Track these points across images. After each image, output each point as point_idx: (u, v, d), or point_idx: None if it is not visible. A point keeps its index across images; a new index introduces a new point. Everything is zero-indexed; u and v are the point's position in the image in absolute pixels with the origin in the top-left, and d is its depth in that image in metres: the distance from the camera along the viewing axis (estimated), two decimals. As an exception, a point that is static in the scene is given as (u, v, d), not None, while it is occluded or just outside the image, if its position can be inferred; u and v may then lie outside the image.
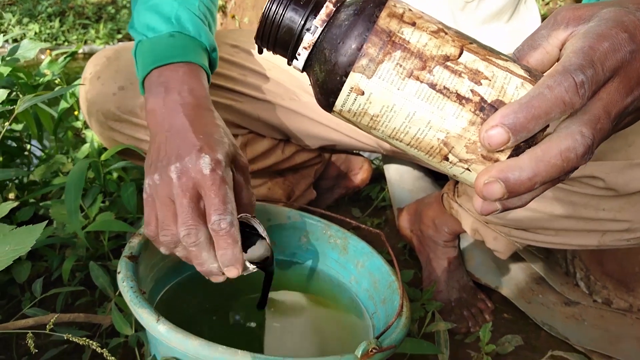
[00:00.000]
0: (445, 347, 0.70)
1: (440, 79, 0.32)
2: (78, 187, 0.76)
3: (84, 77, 0.81)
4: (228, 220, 0.49)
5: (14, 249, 0.45)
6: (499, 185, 0.30)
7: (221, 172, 0.51)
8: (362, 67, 0.32)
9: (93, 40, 3.70)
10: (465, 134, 0.32)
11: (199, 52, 0.62)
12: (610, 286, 0.99)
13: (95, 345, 0.49)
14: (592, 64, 0.30)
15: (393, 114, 0.33)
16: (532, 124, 0.30)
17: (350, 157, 1.18)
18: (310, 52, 0.35)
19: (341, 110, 0.35)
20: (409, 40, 0.32)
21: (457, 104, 0.32)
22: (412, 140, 0.34)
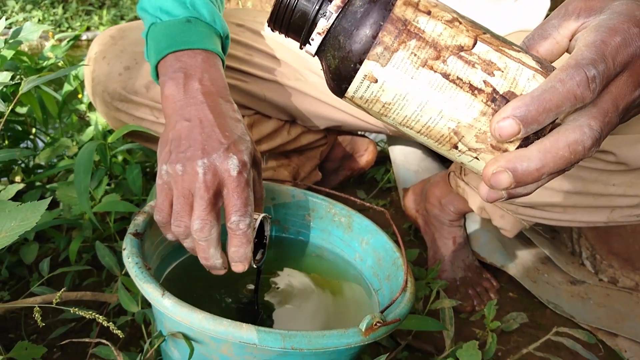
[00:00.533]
0: (450, 324, 0.70)
1: (454, 69, 0.32)
2: (87, 168, 0.76)
3: (89, 56, 0.80)
4: (247, 222, 0.51)
5: (20, 224, 0.45)
6: (506, 175, 0.31)
7: (246, 174, 0.52)
8: (376, 55, 0.32)
9: (96, 26, 3.69)
10: (476, 124, 0.33)
11: (214, 39, 0.61)
12: (616, 265, 0.99)
13: (101, 319, 0.49)
14: (604, 59, 0.30)
15: (405, 102, 0.33)
16: (543, 117, 0.30)
17: (355, 139, 1.18)
18: (324, 37, 0.35)
19: (353, 97, 0.35)
20: (424, 29, 0.32)
21: (470, 95, 0.32)
22: (423, 128, 0.34)
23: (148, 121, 0.81)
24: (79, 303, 0.73)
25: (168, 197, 0.52)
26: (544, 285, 0.96)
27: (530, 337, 0.83)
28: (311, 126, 0.97)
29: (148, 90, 0.77)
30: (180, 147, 0.52)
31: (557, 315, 0.89)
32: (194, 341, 0.49)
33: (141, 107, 0.79)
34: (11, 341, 0.69)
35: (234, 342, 0.45)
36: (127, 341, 0.71)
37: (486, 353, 0.69)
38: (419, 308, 0.76)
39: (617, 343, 0.84)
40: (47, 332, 0.71)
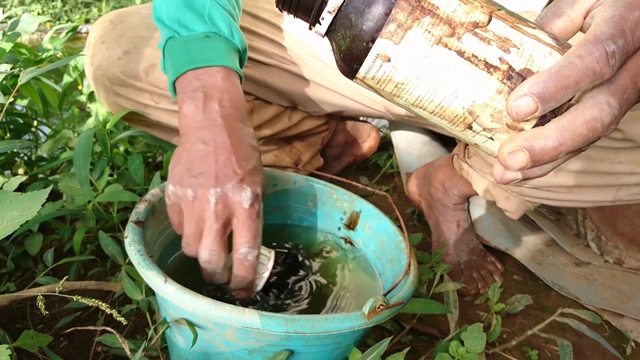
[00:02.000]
0: (454, 307, 0.70)
1: (469, 46, 0.31)
2: (86, 155, 0.76)
3: (89, 42, 0.80)
4: (255, 254, 0.52)
5: (21, 214, 0.45)
6: (523, 154, 0.30)
7: (258, 207, 0.53)
8: (389, 33, 0.31)
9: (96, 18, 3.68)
10: (492, 103, 0.32)
11: (233, 55, 0.60)
12: (621, 246, 0.99)
13: (105, 307, 0.49)
14: (623, 34, 0.29)
15: (419, 81, 0.32)
16: (562, 94, 0.29)
17: (358, 124, 1.18)
18: (335, 16, 0.34)
19: (364, 78, 0.34)
20: (438, 5, 0.31)
21: (485, 72, 0.31)
22: (437, 108, 0.33)
23: (148, 106, 0.80)
24: (84, 292, 0.74)
25: (179, 218, 0.54)
26: (549, 268, 0.96)
27: (535, 319, 0.83)
28: (312, 112, 0.96)
29: (147, 74, 0.77)
30: (193, 171, 0.52)
31: (563, 297, 0.89)
32: (198, 327, 0.49)
33: (141, 92, 0.79)
34: (18, 331, 0.69)
35: (237, 327, 0.45)
36: (133, 329, 0.71)
37: (491, 335, 0.69)
38: (423, 292, 0.76)
39: (623, 324, 0.84)
40: (53, 322, 0.71)
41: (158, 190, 0.62)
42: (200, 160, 0.52)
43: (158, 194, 0.62)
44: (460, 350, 0.60)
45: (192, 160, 0.53)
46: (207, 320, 0.47)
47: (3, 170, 0.96)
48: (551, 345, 0.78)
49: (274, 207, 0.74)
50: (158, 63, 0.77)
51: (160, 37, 0.78)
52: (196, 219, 0.52)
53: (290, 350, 0.48)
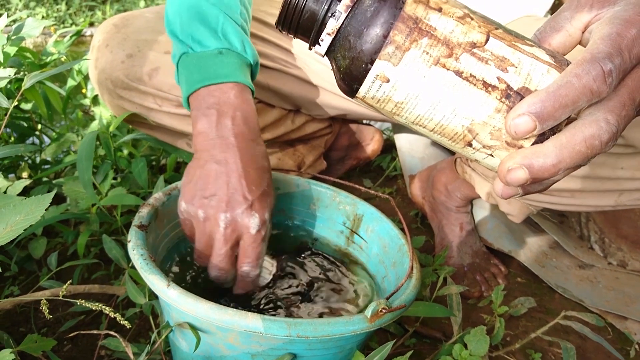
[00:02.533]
0: (457, 310, 0.70)
1: (467, 66, 0.31)
2: (89, 158, 0.77)
3: (93, 45, 0.81)
4: (256, 272, 0.57)
5: (25, 218, 0.46)
6: (522, 172, 0.31)
7: (264, 232, 0.56)
8: (388, 55, 0.32)
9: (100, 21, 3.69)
10: (491, 121, 0.32)
11: (245, 71, 0.61)
12: (625, 248, 0.98)
13: (108, 310, 0.49)
14: (620, 52, 0.30)
15: (418, 101, 0.33)
16: (559, 113, 0.30)
17: (361, 127, 1.18)
18: (334, 38, 0.34)
19: (364, 97, 0.35)
20: (435, 27, 0.32)
21: (484, 92, 0.32)
22: (436, 127, 0.34)
23: (151, 109, 0.81)
24: (88, 296, 0.74)
25: (191, 231, 0.57)
26: (552, 270, 0.96)
27: (539, 321, 0.83)
28: (316, 115, 0.96)
29: (151, 77, 0.77)
30: (206, 191, 0.55)
31: (566, 300, 0.89)
32: (201, 331, 0.49)
33: (144, 95, 0.79)
34: (22, 335, 0.69)
35: (239, 331, 0.45)
36: (137, 333, 0.71)
37: (494, 338, 0.69)
38: (427, 295, 0.76)
39: (626, 326, 0.83)
40: (57, 325, 0.72)
41: (161, 194, 0.62)
42: (213, 181, 0.55)
43: (161, 198, 0.62)
44: (464, 354, 0.59)
45: (205, 178, 0.55)
46: (210, 324, 0.47)
47: (7, 173, 0.96)
48: (555, 348, 0.77)
49: (277, 210, 0.74)
50: (161, 66, 0.77)
51: (164, 41, 0.78)
52: (206, 237, 0.56)
53: (293, 353, 0.48)
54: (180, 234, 0.66)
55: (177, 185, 0.66)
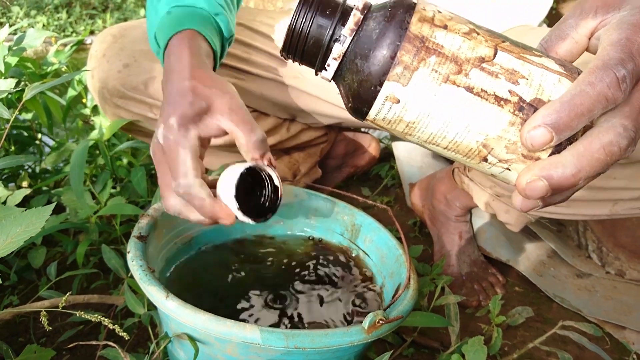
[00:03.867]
0: (455, 320, 0.70)
1: (477, 81, 0.31)
2: (80, 167, 0.77)
3: (91, 54, 0.82)
4: (182, 184, 0.47)
5: (25, 230, 0.46)
6: (542, 183, 0.30)
7: (173, 136, 0.48)
8: (397, 76, 0.32)
9: (100, 30, 3.71)
10: (505, 135, 0.32)
11: (197, 20, 0.58)
12: (623, 257, 0.99)
13: (107, 322, 0.50)
14: (632, 57, 0.29)
15: (430, 119, 0.32)
16: (575, 122, 0.29)
17: (358, 135, 1.18)
18: (340, 62, 0.34)
19: (375, 119, 0.34)
20: (442, 44, 0.31)
21: (496, 106, 0.31)
22: (450, 144, 0.33)
23: (147, 117, 0.82)
24: (87, 306, 0.74)
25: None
26: (550, 279, 0.96)
27: (537, 331, 0.83)
28: (311, 123, 0.97)
29: (147, 87, 0.78)
30: None
31: (564, 309, 0.89)
32: (199, 342, 0.49)
33: (140, 104, 0.80)
34: (21, 345, 0.69)
35: (237, 342, 0.45)
36: (136, 343, 0.71)
37: (492, 348, 0.69)
38: (424, 304, 0.76)
39: (624, 335, 0.84)
40: (56, 336, 0.72)
41: (160, 205, 0.63)
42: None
43: (160, 208, 0.62)
44: (461, 364, 0.60)
45: None
46: (208, 335, 0.47)
47: (7, 182, 0.97)
48: (552, 358, 0.78)
49: (275, 221, 0.74)
50: (157, 75, 0.78)
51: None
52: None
53: (291, 365, 0.48)
54: (179, 244, 0.66)
55: (176, 195, 0.66)
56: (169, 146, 0.48)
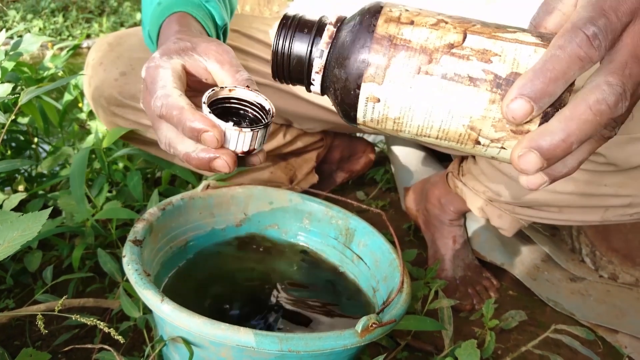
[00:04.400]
0: (448, 324, 0.71)
1: (449, 67, 0.32)
2: (81, 174, 0.78)
3: (87, 63, 0.82)
4: (160, 95, 0.41)
5: (22, 234, 0.46)
6: (533, 155, 0.30)
7: (154, 63, 0.44)
8: (371, 76, 0.33)
9: (97, 34, 3.72)
10: (489, 114, 0.32)
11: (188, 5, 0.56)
12: (616, 261, 0.99)
13: (102, 325, 0.50)
14: (603, 13, 0.29)
15: (413, 112, 0.33)
16: (552, 88, 0.29)
17: (353, 140, 1.19)
18: (323, 75, 0.36)
19: (364, 122, 0.36)
20: (410, 39, 0.32)
21: (472, 87, 0.32)
22: (439, 133, 0.34)
23: (144, 125, 0.82)
24: (82, 309, 0.74)
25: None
26: (544, 283, 0.97)
27: (530, 335, 0.84)
28: (307, 129, 0.97)
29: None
30: None
31: (557, 313, 0.90)
32: (194, 345, 0.50)
33: (137, 112, 0.81)
34: (17, 348, 0.70)
35: (232, 346, 0.46)
36: (131, 346, 0.71)
37: (485, 351, 0.69)
38: (418, 308, 0.76)
39: (617, 339, 0.84)
40: (51, 339, 0.72)
41: (156, 209, 0.63)
42: None
43: (156, 212, 0.63)
44: (454, 367, 0.60)
45: None
46: (203, 338, 0.48)
47: (3, 187, 0.97)
48: (546, 362, 0.78)
49: (270, 225, 0.75)
50: None
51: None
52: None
53: (285, 368, 0.48)
54: (175, 248, 0.67)
55: (171, 200, 0.66)
56: (150, 73, 0.43)
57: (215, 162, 0.41)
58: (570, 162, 0.32)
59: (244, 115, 0.44)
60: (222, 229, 0.72)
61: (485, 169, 0.81)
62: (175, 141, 0.42)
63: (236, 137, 0.40)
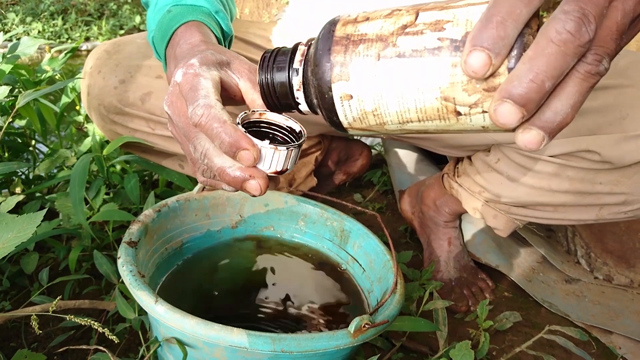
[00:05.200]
0: (443, 324, 0.71)
1: (406, 45, 0.32)
2: (82, 181, 0.78)
3: (85, 71, 0.82)
4: (201, 104, 0.41)
5: (17, 236, 0.47)
6: (507, 104, 0.28)
7: (193, 70, 0.44)
8: (338, 75, 0.35)
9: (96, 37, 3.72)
10: (455, 79, 0.32)
11: (201, 15, 0.58)
12: (611, 263, 1.00)
13: (97, 326, 0.50)
14: None
15: (386, 99, 0.34)
16: (502, 30, 0.28)
17: (350, 143, 1.19)
18: (304, 90, 0.38)
19: (350, 124, 0.37)
20: (365, 32, 0.34)
21: (431, 57, 0.32)
22: (418, 113, 0.34)
23: (144, 132, 0.82)
24: (78, 311, 0.75)
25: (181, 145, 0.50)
26: (539, 285, 0.97)
27: (525, 336, 0.84)
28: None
29: (143, 102, 0.79)
30: None
31: (552, 314, 0.90)
32: (188, 346, 0.50)
33: (137, 119, 0.81)
34: (12, 350, 0.70)
35: (225, 346, 0.46)
36: (127, 348, 0.72)
37: (479, 352, 0.70)
38: (413, 309, 0.77)
39: (611, 340, 0.85)
40: (47, 340, 0.72)
41: (151, 211, 0.64)
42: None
43: (151, 214, 0.63)
44: (448, 368, 0.61)
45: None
46: (197, 339, 0.48)
47: (1, 189, 0.97)
48: (540, 362, 0.78)
49: (265, 226, 0.75)
50: (154, 91, 0.79)
51: (156, 66, 0.79)
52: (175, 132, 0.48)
53: (278, 368, 0.49)
54: (170, 249, 0.67)
55: (167, 202, 0.67)
56: (188, 80, 0.43)
57: (248, 182, 0.41)
58: (560, 107, 0.29)
59: (274, 138, 0.45)
60: (217, 230, 0.73)
61: (481, 169, 0.81)
62: (213, 153, 0.42)
63: (271, 156, 0.41)
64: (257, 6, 3.01)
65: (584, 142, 0.66)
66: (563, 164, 0.70)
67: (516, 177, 0.75)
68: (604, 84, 0.64)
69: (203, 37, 0.53)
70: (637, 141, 0.62)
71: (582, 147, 0.66)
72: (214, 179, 0.46)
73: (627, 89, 0.63)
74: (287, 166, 0.42)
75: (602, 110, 0.64)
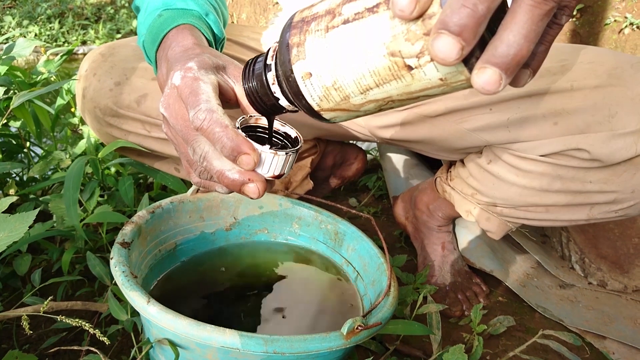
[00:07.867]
0: (437, 328, 0.71)
1: (349, 11, 0.33)
2: (76, 184, 0.78)
3: (80, 74, 0.82)
4: (203, 108, 0.42)
5: (8, 235, 0.46)
6: (443, 36, 0.27)
7: (192, 73, 0.45)
8: (296, 56, 0.35)
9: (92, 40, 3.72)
10: (396, 30, 0.31)
11: (192, 18, 0.58)
12: (605, 268, 1.00)
13: (88, 327, 0.50)
14: None
15: (341, 69, 0.34)
16: None
17: (345, 147, 1.20)
18: (278, 83, 0.39)
19: (320, 106, 0.37)
20: (317, 11, 0.35)
21: (372, 15, 0.32)
22: (373, 77, 0.33)
23: (139, 135, 0.82)
24: (71, 313, 0.74)
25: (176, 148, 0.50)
26: (533, 290, 0.97)
27: (519, 340, 0.84)
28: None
29: (139, 104, 0.79)
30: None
31: (546, 319, 0.90)
32: (180, 347, 0.50)
33: (132, 122, 0.80)
34: (4, 351, 0.69)
35: (218, 347, 0.46)
36: (119, 350, 0.71)
37: (473, 356, 0.70)
38: (407, 313, 0.77)
39: (605, 345, 0.85)
40: (39, 342, 0.72)
41: (145, 212, 0.64)
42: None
43: (145, 216, 0.63)
44: (441, 371, 0.60)
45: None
46: (189, 340, 0.48)
47: (-6, 190, 0.97)
48: (534, 367, 0.78)
49: (260, 229, 0.75)
50: (149, 93, 0.79)
51: (151, 69, 0.80)
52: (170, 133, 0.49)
53: (270, 370, 0.49)
54: (164, 251, 0.67)
55: (160, 203, 0.67)
56: (187, 83, 0.44)
57: (247, 186, 0.42)
58: (512, 38, 0.28)
59: (271, 143, 0.46)
60: (211, 232, 0.73)
61: (473, 171, 0.82)
62: (212, 156, 0.43)
63: (270, 160, 0.42)
64: (254, 11, 3.02)
65: (574, 141, 0.66)
66: (554, 163, 0.70)
67: (508, 178, 0.76)
68: (594, 84, 0.65)
69: (196, 40, 0.53)
70: (625, 139, 0.63)
71: (572, 145, 0.67)
72: (211, 180, 0.46)
73: (615, 89, 0.64)
74: (285, 170, 0.43)
75: (592, 110, 0.65)
